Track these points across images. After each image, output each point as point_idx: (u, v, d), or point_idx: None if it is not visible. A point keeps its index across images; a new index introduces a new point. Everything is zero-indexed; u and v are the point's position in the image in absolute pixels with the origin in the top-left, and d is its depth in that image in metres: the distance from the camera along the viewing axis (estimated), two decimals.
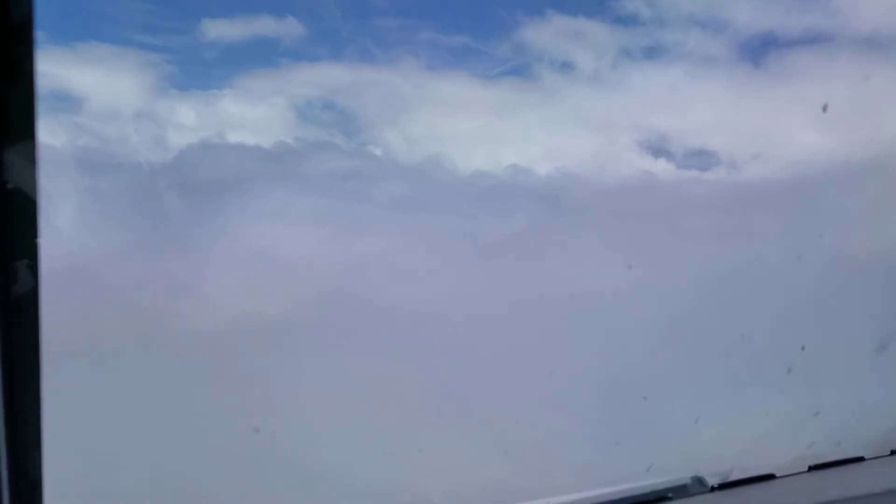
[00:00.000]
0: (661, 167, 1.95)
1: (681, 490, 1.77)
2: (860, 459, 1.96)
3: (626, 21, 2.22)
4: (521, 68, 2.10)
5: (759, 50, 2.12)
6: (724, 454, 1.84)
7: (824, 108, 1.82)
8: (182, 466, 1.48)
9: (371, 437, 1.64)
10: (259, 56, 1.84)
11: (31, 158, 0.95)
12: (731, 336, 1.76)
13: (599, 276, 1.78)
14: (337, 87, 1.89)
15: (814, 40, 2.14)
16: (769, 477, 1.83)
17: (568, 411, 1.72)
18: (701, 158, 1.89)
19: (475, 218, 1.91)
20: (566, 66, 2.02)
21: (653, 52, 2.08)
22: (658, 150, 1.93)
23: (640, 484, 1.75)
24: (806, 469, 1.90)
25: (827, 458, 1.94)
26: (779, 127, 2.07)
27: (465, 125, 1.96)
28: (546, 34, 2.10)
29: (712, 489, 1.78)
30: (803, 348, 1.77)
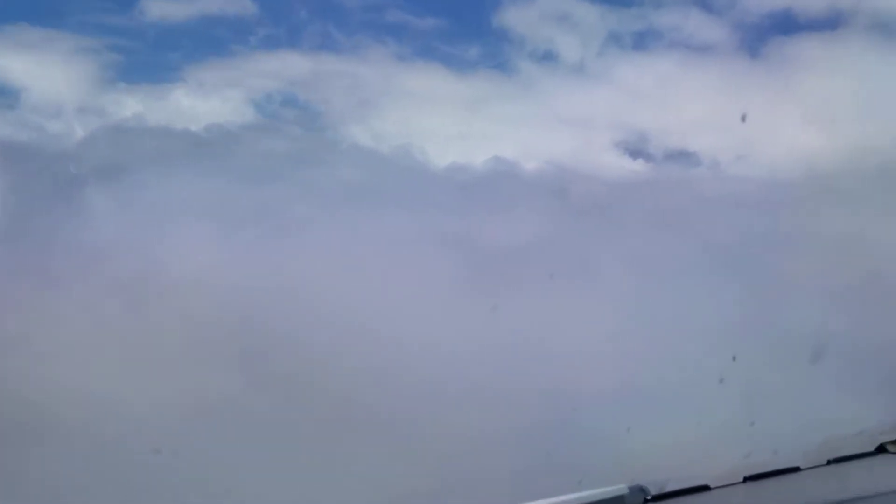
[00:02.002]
0: (638, 168, 2.05)
1: (618, 500, 1.68)
2: (796, 469, 1.87)
3: (619, 1, 2.29)
4: (498, 59, 2.21)
5: (759, 38, 2.10)
6: (658, 466, 1.76)
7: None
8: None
9: (295, 455, 1.59)
10: (211, 43, 1.99)
11: None
12: (663, 347, 1.83)
13: (528, 284, 1.90)
14: (297, 78, 2.07)
15: (820, 28, 2.08)
16: (704, 488, 1.75)
17: (498, 423, 1.64)
18: (679, 160, 1.97)
19: (442, 212, 2.08)
20: (548, 57, 2.15)
21: (644, 39, 2.14)
22: (636, 150, 2.02)
23: (576, 495, 1.65)
24: (741, 480, 1.82)
25: (764, 468, 1.86)
26: (768, 126, 2.08)
27: (437, 121, 2.12)
28: (529, 16, 2.25)
29: (646, 501, 1.70)
30: (734, 359, 1.81)
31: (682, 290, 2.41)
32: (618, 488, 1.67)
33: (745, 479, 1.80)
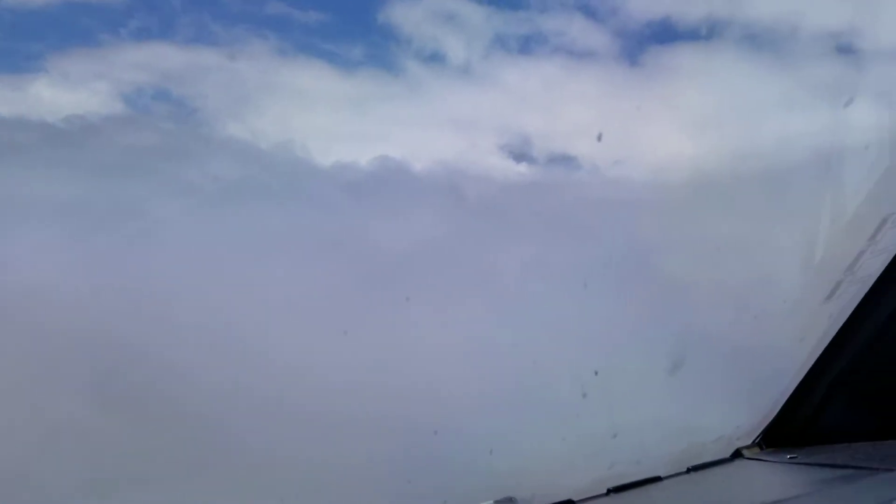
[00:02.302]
0: (523, 170, 1.81)
1: None
2: (658, 479, 1.99)
3: (505, 3, 1.96)
4: (383, 57, 1.85)
5: (639, 46, 1.93)
6: (523, 483, 1.82)
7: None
8: None
9: (148, 484, 1.51)
10: (77, 32, 1.46)
11: None
12: (522, 364, 1.89)
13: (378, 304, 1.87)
14: (170, 71, 1.54)
15: (696, 38, 1.91)
16: (568, 503, 1.83)
17: (349, 452, 1.61)
18: (561, 163, 1.78)
19: (326, 212, 1.82)
20: (434, 57, 1.83)
21: (530, 42, 1.90)
22: (520, 153, 1.80)
23: None
24: (605, 492, 1.91)
25: (627, 479, 1.95)
26: (646, 131, 1.85)
27: (320, 120, 1.70)
28: (415, 15, 1.85)
29: None
30: (596, 373, 1.92)
31: (551, 299, 1.74)
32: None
33: (609, 491, 1.91)
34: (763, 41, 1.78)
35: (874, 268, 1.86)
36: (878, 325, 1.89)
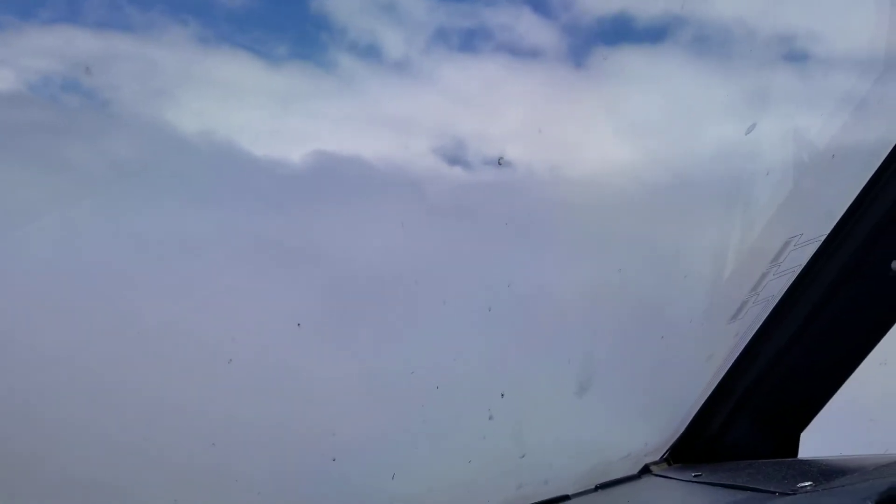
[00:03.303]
0: (456, 172, 1.75)
1: None
2: (566, 498, 2.00)
3: None
4: (314, 49, 1.67)
5: (585, 47, 1.79)
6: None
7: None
8: None
9: None
10: None
11: None
12: (425, 387, 1.82)
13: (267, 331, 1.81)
14: (80, 59, 1.40)
15: (648, 39, 1.82)
16: None
17: (239, 483, 1.54)
18: (495, 167, 1.69)
19: (252, 207, 1.75)
20: (369, 51, 1.68)
21: (473, 38, 1.76)
22: (455, 154, 1.77)
23: None
24: None
25: (535, 498, 1.97)
26: (584, 136, 1.86)
27: (245, 114, 1.60)
28: (350, 4, 1.69)
29: None
30: (503, 395, 1.91)
31: (455, 321, 1.66)
32: None
33: None
34: (713, 45, 1.79)
35: (777, 289, 1.87)
36: (780, 346, 1.92)
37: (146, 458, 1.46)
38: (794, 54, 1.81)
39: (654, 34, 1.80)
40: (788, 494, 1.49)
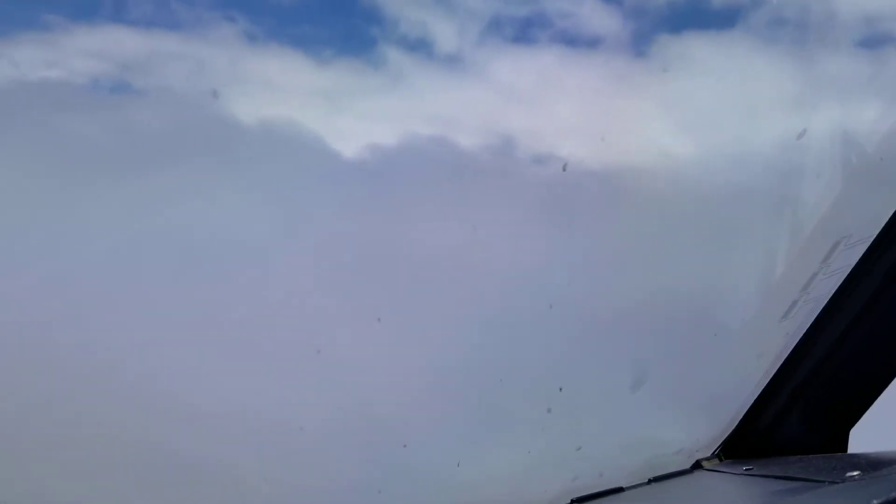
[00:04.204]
0: (509, 169, 1.76)
1: None
2: (620, 490, 2.06)
3: None
4: (363, 44, 1.63)
5: (650, 33, 1.72)
6: (490, 494, 1.89)
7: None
8: None
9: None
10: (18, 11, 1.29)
11: None
12: (489, 380, 1.79)
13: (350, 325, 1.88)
14: (129, 60, 1.41)
15: (715, 26, 1.78)
16: None
17: (320, 466, 1.63)
18: (547, 164, 1.72)
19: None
20: (420, 45, 1.63)
21: (528, 28, 1.68)
22: (506, 152, 1.73)
23: None
24: (569, 502, 1.97)
25: (590, 490, 2.01)
26: (640, 131, 1.84)
27: (294, 113, 1.57)
28: None
29: None
30: (561, 389, 1.96)
31: (517, 316, 1.74)
32: None
33: (573, 501, 1.97)
34: (790, 29, 1.76)
35: (827, 288, 1.93)
36: (830, 344, 1.97)
37: (242, 439, 1.55)
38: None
39: (724, 18, 1.76)
40: (837, 483, 1.54)
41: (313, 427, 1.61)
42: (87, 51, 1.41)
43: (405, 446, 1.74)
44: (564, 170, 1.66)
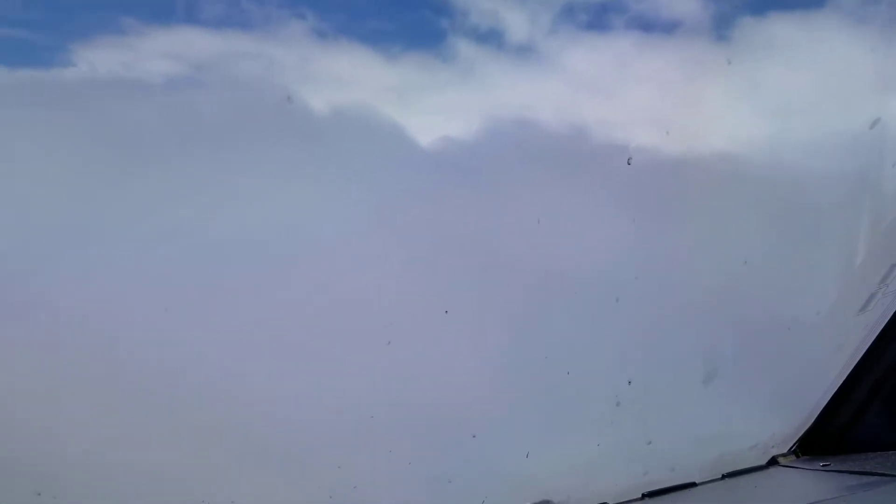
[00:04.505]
0: (583, 159, 1.75)
1: None
2: (692, 485, 2.04)
3: None
4: (433, 36, 1.61)
5: (729, 17, 1.67)
6: (559, 486, 1.89)
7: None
8: None
9: (180, 489, 1.53)
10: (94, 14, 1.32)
11: None
12: (557, 373, 1.79)
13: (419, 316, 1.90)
14: (201, 60, 1.45)
15: (793, 8, 1.72)
16: None
17: (394, 453, 1.66)
18: (624, 153, 1.69)
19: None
20: (490, 36, 1.61)
21: (603, 14, 1.65)
22: (580, 142, 1.69)
23: None
24: (640, 496, 1.97)
25: (662, 484, 2.01)
26: (721, 117, 1.81)
27: (365, 110, 1.57)
28: None
29: None
30: (630, 383, 1.94)
31: (585, 309, 1.75)
32: None
33: (644, 496, 1.96)
34: (879, 10, 1.71)
35: None
36: None
37: (317, 426, 1.62)
38: None
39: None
40: None
41: (384, 416, 1.65)
42: (162, 52, 1.45)
43: (474, 437, 1.75)
44: (629, 163, 1.65)
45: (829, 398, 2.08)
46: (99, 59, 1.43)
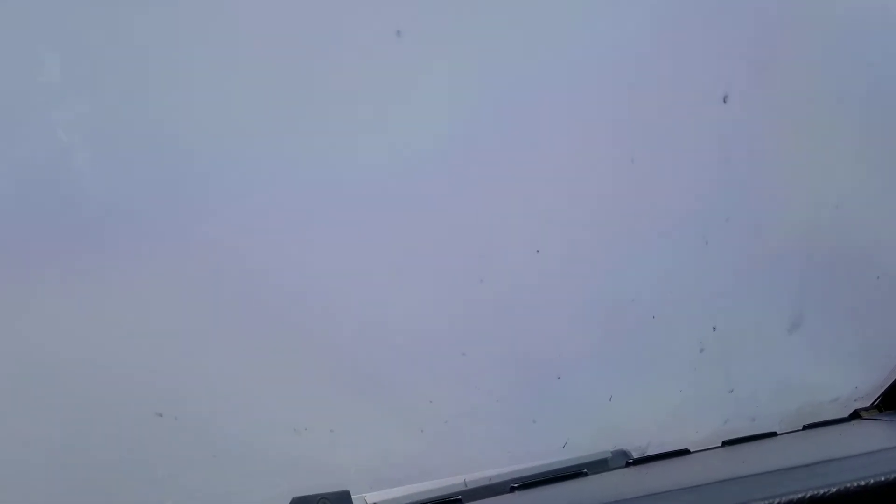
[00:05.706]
0: (672, 107, 1.74)
1: (600, 464, 1.84)
2: (773, 434, 2.02)
3: None
4: None
5: None
6: (640, 431, 1.91)
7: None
8: None
9: (280, 415, 1.57)
10: None
11: None
12: (643, 317, 1.80)
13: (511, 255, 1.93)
14: None
15: None
16: (684, 452, 1.89)
17: (482, 391, 1.70)
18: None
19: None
20: None
21: None
22: (668, 88, 1.71)
23: (560, 459, 1.82)
24: (720, 444, 1.97)
25: (741, 434, 2.00)
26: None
27: None
28: None
29: (627, 464, 1.84)
30: (714, 329, 1.96)
31: (671, 252, 1.77)
32: (601, 453, 1.85)
33: (724, 444, 1.96)
34: None
35: None
36: None
37: (411, 359, 1.66)
38: None
39: None
40: None
41: (475, 353, 1.67)
42: None
43: (559, 378, 1.77)
44: (725, 101, 1.64)
45: None
46: None
